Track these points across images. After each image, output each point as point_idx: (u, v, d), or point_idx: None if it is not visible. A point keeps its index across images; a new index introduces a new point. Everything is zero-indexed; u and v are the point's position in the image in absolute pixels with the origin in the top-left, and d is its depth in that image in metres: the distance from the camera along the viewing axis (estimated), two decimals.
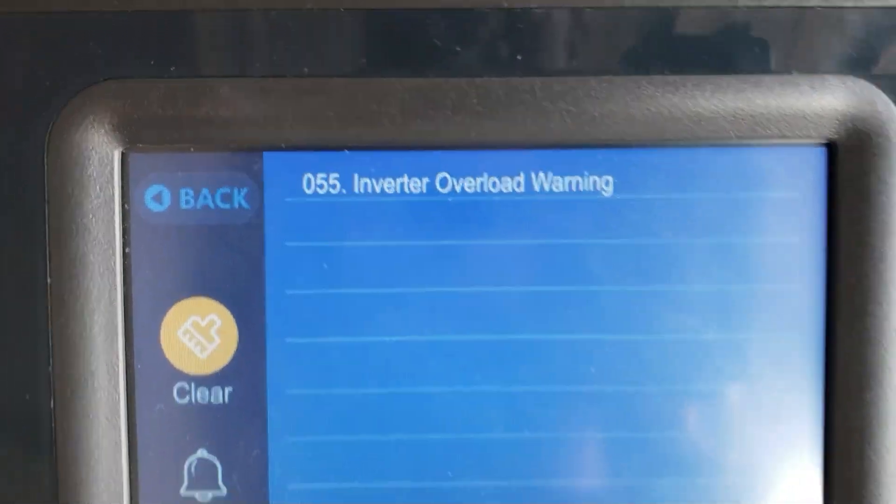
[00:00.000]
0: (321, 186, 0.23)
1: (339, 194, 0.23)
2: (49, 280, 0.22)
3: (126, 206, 0.23)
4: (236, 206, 0.23)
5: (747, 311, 0.23)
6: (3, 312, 0.23)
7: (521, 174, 0.23)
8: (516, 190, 0.23)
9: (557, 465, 0.24)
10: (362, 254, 0.23)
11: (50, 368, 0.23)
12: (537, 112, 0.22)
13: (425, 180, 0.23)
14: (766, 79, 0.22)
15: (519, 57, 0.23)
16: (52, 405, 0.23)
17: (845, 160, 0.23)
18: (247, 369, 0.23)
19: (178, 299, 0.23)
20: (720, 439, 0.24)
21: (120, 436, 0.23)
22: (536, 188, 0.23)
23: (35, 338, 0.23)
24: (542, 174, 0.23)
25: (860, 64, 0.22)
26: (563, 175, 0.23)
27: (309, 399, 0.23)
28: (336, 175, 0.23)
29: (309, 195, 0.23)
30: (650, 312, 0.23)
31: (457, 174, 0.23)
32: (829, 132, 0.23)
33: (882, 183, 0.22)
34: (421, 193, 0.23)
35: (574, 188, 0.23)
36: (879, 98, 0.22)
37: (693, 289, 0.23)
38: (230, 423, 0.23)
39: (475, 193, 0.23)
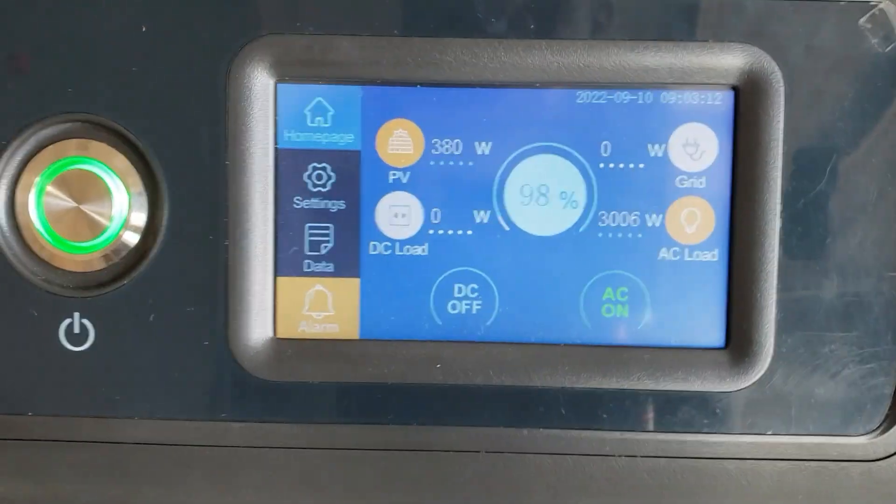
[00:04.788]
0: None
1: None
2: (227, 162, 0.35)
3: (275, 115, 0.35)
4: (342, 128, 0.36)
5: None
6: (197, 176, 0.35)
7: None
8: None
9: None
10: None
11: (225, 218, 0.35)
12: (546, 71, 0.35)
13: None
14: (693, 44, 0.35)
15: (532, 26, 0.35)
16: (226, 244, 0.35)
17: (743, 99, 0.35)
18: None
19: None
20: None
21: (268, 255, 0.36)
22: None
23: (216, 197, 0.35)
24: None
25: (754, 36, 0.35)
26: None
27: None
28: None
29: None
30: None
31: None
32: (734, 81, 0.35)
33: (765, 113, 0.35)
34: None
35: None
36: (766, 58, 0.35)
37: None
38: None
39: None
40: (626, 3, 0.35)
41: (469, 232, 0.36)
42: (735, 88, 0.35)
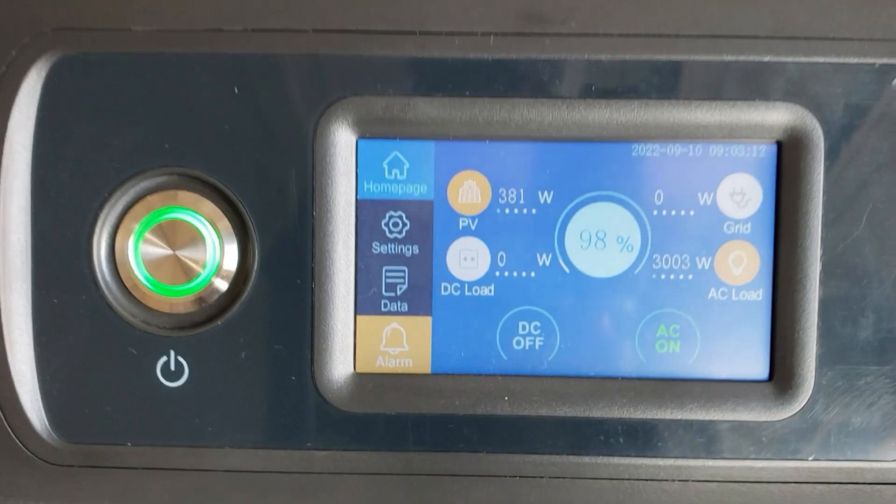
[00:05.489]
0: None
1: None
2: (314, 212, 0.38)
3: (356, 168, 0.38)
4: (417, 179, 0.39)
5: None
6: (285, 224, 0.38)
7: None
8: None
9: None
10: None
11: (311, 263, 0.38)
12: (604, 127, 0.38)
13: None
14: (740, 102, 0.38)
15: (592, 87, 0.38)
16: (312, 286, 0.38)
17: (786, 152, 0.38)
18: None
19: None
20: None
21: (349, 296, 0.39)
22: None
23: (302, 244, 0.38)
24: None
25: (796, 95, 0.38)
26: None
27: None
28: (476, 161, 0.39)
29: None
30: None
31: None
32: (778, 136, 0.38)
33: (807, 165, 0.38)
34: None
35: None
36: (808, 115, 0.38)
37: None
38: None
39: None
40: (678, 66, 0.38)
41: (532, 274, 0.39)
42: (778, 142, 0.38)
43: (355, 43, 0.38)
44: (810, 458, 0.39)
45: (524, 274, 0.39)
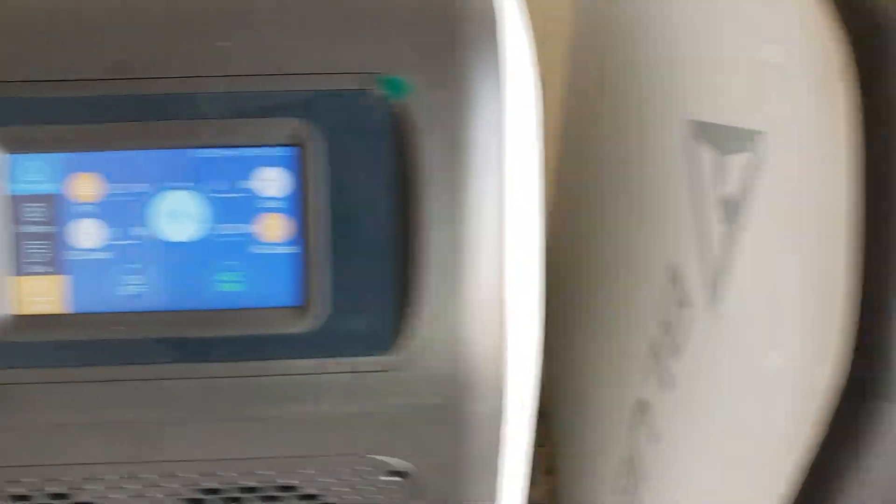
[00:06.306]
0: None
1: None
2: None
3: (8, 174, 0.57)
4: (49, 180, 0.57)
5: None
6: None
7: None
8: None
9: None
10: None
11: None
12: (175, 139, 0.56)
13: None
14: (268, 119, 0.56)
15: (167, 112, 0.56)
16: None
17: (304, 152, 0.57)
18: None
19: None
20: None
21: (12, 262, 0.57)
22: None
23: None
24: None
25: (303, 112, 0.56)
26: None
27: None
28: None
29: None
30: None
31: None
32: (296, 141, 0.57)
33: (318, 160, 0.57)
34: None
35: None
36: (310, 127, 0.56)
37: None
38: None
39: None
40: (222, 96, 0.56)
41: (136, 241, 0.57)
42: (296, 145, 0.57)
43: (2, 90, 0.56)
44: (329, 356, 0.57)
45: (129, 242, 0.57)
